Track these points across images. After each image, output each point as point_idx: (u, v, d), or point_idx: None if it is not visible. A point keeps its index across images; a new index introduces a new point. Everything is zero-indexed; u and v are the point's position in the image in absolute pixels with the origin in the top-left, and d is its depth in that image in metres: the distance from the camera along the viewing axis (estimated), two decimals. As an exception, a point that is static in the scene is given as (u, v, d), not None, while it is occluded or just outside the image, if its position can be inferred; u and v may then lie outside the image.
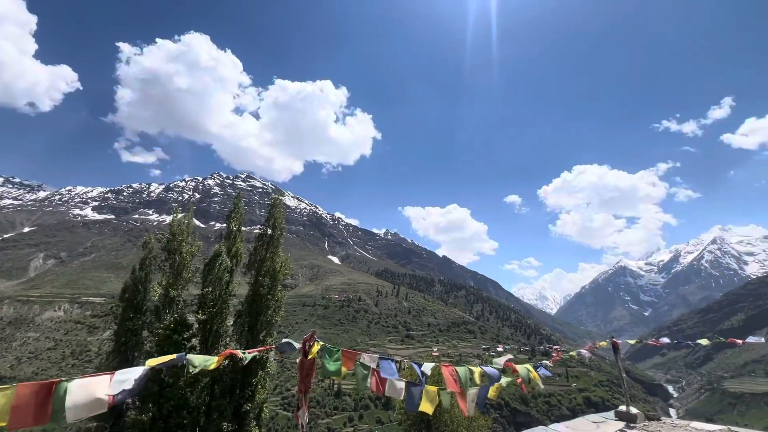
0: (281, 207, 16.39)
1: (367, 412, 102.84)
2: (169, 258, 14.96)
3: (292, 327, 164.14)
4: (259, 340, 14.34)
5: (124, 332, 14.96)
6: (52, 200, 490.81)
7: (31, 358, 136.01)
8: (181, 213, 16.28)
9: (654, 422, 7.90)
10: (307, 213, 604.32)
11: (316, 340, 4.27)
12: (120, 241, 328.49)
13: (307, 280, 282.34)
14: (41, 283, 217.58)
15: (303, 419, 4.14)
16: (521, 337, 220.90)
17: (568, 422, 8.13)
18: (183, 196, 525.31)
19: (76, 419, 3.10)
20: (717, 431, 7.11)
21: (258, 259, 14.88)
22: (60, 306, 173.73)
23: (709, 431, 7.22)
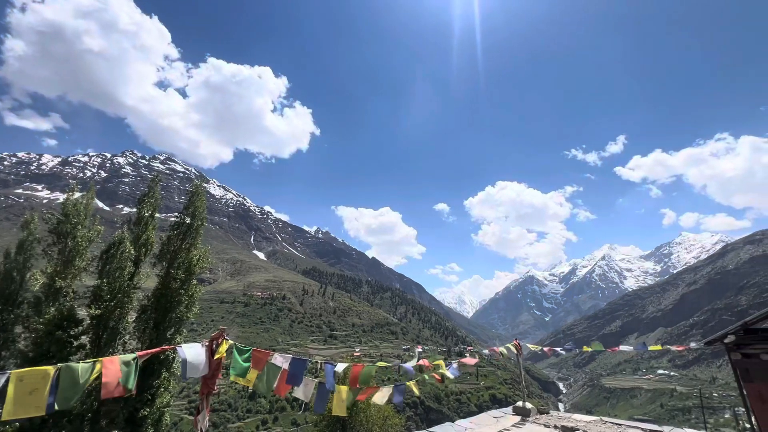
0: (203, 195, 15.20)
1: (283, 414, 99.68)
2: (59, 242, 12.93)
3: (207, 324, 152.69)
4: (165, 338, 13.09)
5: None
6: None
7: None
8: (80, 192, 14.22)
9: (544, 415, 8.91)
10: (233, 204, 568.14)
11: (224, 339, 4.00)
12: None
13: (228, 276, 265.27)
14: None
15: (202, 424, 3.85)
16: (439, 338, 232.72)
17: (472, 417, 8.78)
18: (84, 172, 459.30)
19: None
20: (592, 421, 8.26)
21: (171, 250, 13.60)
22: None
23: (586, 421, 8.35)
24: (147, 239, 13.61)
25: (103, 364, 3.38)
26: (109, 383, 3.39)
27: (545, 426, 8.09)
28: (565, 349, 12.70)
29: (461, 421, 8.41)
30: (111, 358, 3.52)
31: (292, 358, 4.61)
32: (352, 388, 5.07)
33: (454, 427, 7.97)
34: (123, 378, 3.50)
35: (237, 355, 4.21)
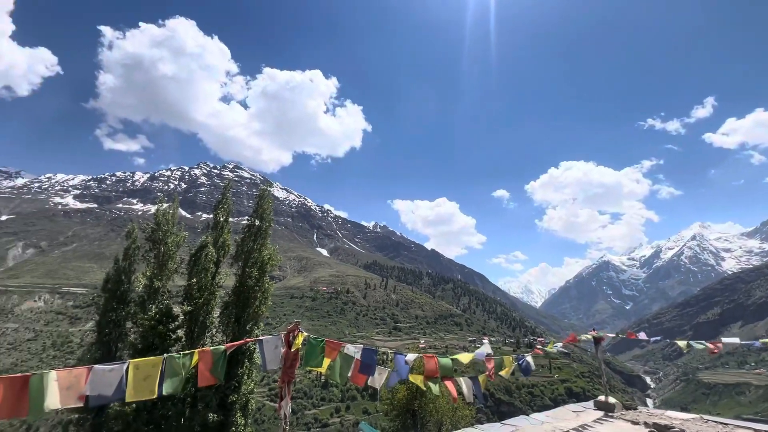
0: (269, 198, 16.25)
1: (354, 403, 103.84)
2: (153, 248, 14.74)
3: (280, 319, 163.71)
4: (246, 331, 14.28)
5: (107, 323, 14.73)
6: (31, 188, 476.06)
7: (10, 350, 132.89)
8: (167, 203, 16.00)
9: (631, 411, 8.20)
10: (295, 205, 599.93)
11: (300, 331, 4.28)
12: (103, 231, 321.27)
13: (295, 272, 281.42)
14: (20, 273, 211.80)
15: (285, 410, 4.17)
16: (506, 329, 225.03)
17: (549, 411, 8.37)
18: (168, 185, 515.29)
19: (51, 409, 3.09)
20: (690, 419, 7.41)
21: (245, 251, 14.76)
22: (40, 296, 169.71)
23: (683, 419, 7.51)
24: (224, 242, 14.94)
25: (199, 355, 3.89)
26: (204, 372, 3.92)
27: (633, 423, 7.44)
28: (652, 340, 11.49)
29: (536, 415, 8.06)
30: (205, 350, 4.01)
31: (363, 348, 4.78)
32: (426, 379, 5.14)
33: (530, 420, 7.67)
34: (214, 368, 3.98)
35: (311, 345, 4.49)
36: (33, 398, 2.93)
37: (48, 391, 3.16)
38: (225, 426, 13.30)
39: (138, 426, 11.86)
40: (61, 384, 3.18)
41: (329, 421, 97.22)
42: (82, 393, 3.17)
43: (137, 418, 11.93)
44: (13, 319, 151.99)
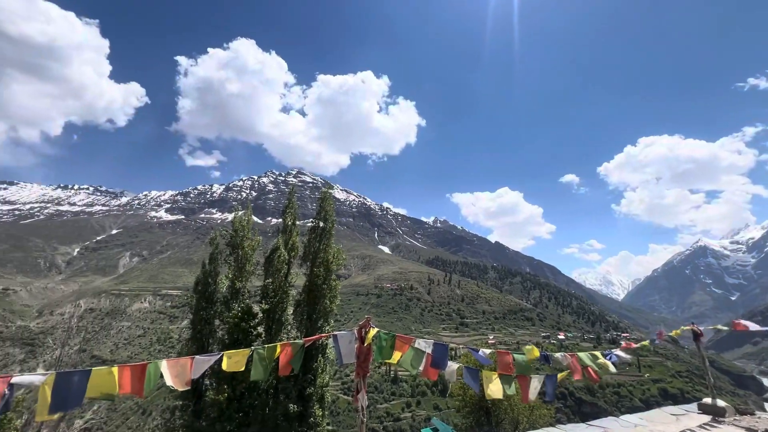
0: (331, 200, 16.88)
1: (425, 399, 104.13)
2: (233, 252, 16.12)
3: (348, 315, 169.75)
4: (317, 327, 15.02)
5: (199, 321, 16.43)
6: (133, 204, 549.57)
7: (126, 344, 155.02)
8: (241, 210, 17.39)
9: (747, 417, 7.09)
10: (355, 204, 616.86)
11: (371, 327, 4.40)
12: (190, 239, 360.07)
13: (359, 270, 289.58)
14: (129, 279, 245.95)
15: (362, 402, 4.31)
16: (584, 324, 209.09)
17: (642, 414, 7.58)
18: (241, 194, 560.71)
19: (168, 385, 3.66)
20: (827, 429, 6.21)
21: (312, 251, 15.51)
22: (145, 298, 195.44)
23: (817, 429, 6.32)
24: (293, 244, 15.84)
25: (281, 348, 4.24)
26: (284, 363, 4.28)
27: (749, 430, 6.43)
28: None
29: (628, 417, 7.35)
30: (287, 343, 4.35)
31: (434, 342, 4.77)
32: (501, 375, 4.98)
33: (620, 422, 7.01)
34: (293, 360, 4.30)
35: (382, 340, 4.60)
36: (147, 382, 3.67)
37: (164, 375, 3.75)
38: (304, 416, 14.15)
39: (230, 413, 13.11)
40: (171, 372, 3.76)
41: (400, 415, 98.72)
42: (188, 379, 3.83)
43: (229, 406, 13.18)
44: (126, 318, 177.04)
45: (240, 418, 13.49)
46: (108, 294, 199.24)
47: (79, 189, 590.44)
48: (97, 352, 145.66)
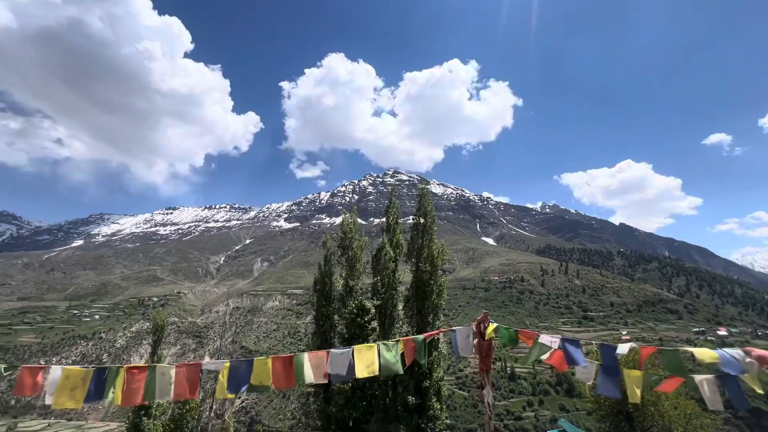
0: (429, 196, 16.94)
1: (548, 398, 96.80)
2: (344, 253, 17.40)
3: (456, 310, 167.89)
4: (428, 322, 15.23)
5: (321, 317, 18.16)
6: (259, 217, 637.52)
7: (265, 337, 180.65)
8: (347, 214, 18.68)
9: None
10: (454, 197, 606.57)
11: (490, 321, 4.28)
12: (306, 243, 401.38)
13: (464, 264, 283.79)
14: (262, 281, 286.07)
15: (488, 398, 4.22)
16: (755, 316, 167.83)
17: None
18: (345, 198, 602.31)
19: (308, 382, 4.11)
20: None
21: (416, 248, 15.78)
22: (276, 297, 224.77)
23: None
24: (397, 242, 16.36)
25: (404, 342, 4.44)
26: (410, 357, 4.47)
27: None
28: None
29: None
30: (408, 338, 4.53)
31: (562, 338, 4.39)
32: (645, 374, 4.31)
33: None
34: (417, 353, 4.46)
35: (504, 335, 4.44)
36: (297, 373, 4.19)
37: (305, 368, 4.26)
38: (423, 409, 14.50)
39: (355, 402, 14.20)
40: (312, 363, 4.30)
41: (522, 414, 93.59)
42: (326, 371, 4.27)
43: (354, 395, 14.28)
44: (263, 314, 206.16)
45: (364, 407, 14.51)
46: (248, 294, 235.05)
47: (219, 208, 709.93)
48: (245, 343, 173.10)
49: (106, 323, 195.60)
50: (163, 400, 3.91)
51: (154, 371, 4.09)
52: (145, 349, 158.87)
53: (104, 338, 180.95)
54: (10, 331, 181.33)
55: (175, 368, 4.17)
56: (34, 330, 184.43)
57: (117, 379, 4.02)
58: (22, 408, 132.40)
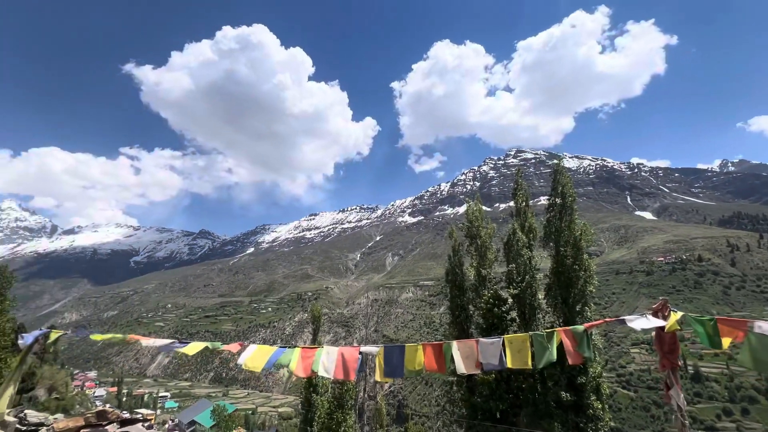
0: (564, 172, 15.16)
1: (755, 407, 76.03)
2: (472, 243, 17.03)
3: (609, 298, 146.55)
4: (576, 312, 13.71)
5: (455, 308, 18.17)
6: (385, 214, 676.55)
7: (403, 327, 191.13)
8: (471, 202, 18.21)
9: None
10: (593, 170, 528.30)
11: (671, 310, 3.52)
12: (431, 236, 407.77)
13: (614, 245, 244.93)
14: (395, 274, 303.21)
15: (678, 400, 3.49)
16: None
17: None
18: (466, 187, 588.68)
19: (460, 372, 4.13)
20: None
21: (554, 231, 14.36)
22: (409, 289, 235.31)
23: None
24: (530, 226, 15.17)
25: (562, 334, 4.10)
26: (570, 350, 4.07)
27: None
28: None
29: None
30: (565, 329, 4.16)
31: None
32: None
33: None
34: (579, 346, 4.03)
35: (698, 326, 3.59)
36: (446, 360, 4.28)
37: (455, 357, 4.32)
38: (580, 407, 13.11)
39: (501, 393, 13.76)
40: (462, 353, 4.34)
41: (716, 424, 75.82)
42: (478, 361, 4.24)
43: (498, 387, 13.87)
44: (399, 306, 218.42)
45: (511, 399, 13.95)
46: (383, 287, 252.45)
47: (351, 210, 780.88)
48: (386, 332, 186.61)
49: (276, 314, 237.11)
50: (327, 376, 4.54)
51: (320, 352, 4.85)
52: (307, 336, 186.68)
53: (277, 326, 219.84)
54: (216, 320, 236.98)
55: (337, 350, 4.83)
56: (230, 320, 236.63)
57: (294, 354, 4.95)
58: (230, 380, 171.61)
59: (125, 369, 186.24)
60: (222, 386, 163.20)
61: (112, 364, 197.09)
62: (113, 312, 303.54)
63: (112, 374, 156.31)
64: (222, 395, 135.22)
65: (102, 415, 5.72)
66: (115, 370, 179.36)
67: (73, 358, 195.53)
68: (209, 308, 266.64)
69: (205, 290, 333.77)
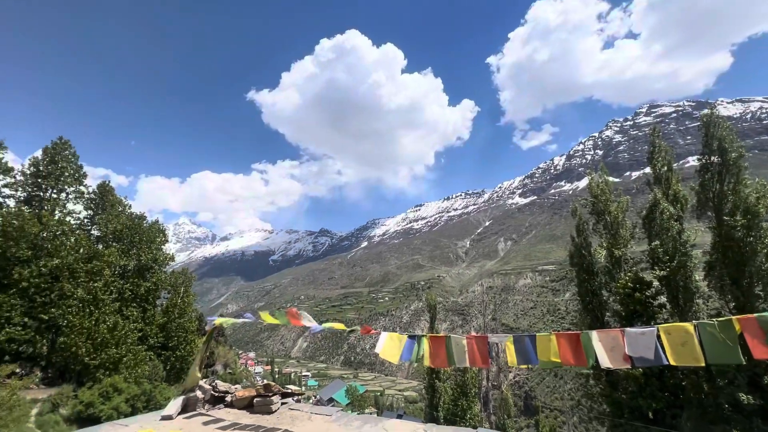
0: (719, 123, 12.19)
1: None
2: (600, 220, 15.08)
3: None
4: (753, 294, 10.99)
5: (585, 293, 16.37)
6: (493, 198, 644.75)
7: (523, 315, 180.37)
8: (593, 174, 16.08)
9: None
10: (764, 114, 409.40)
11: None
12: (547, 216, 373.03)
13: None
14: (509, 260, 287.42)
15: None
16: None
17: None
18: (585, 158, 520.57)
19: (604, 366, 3.67)
20: None
21: (712, 197, 11.72)
22: (526, 275, 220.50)
23: None
24: (675, 194, 12.69)
25: (741, 323, 3.34)
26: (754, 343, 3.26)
27: None
28: None
29: None
30: (747, 317, 3.39)
31: None
32: None
33: None
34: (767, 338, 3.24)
35: None
36: (586, 352, 3.83)
37: (596, 349, 3.78)
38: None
39: (653, 391, 11.92)
40: (604, 345, 3.81)
41: None
42: (626, 354, 3.62)
43: (648, 383, 12.04)
44: (516, 293, 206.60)
45: (667, 398, 11.98)
46: (498, 274, 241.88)
47: (456, 197, 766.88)
48: (505, 321, 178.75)
49: (393, 303, 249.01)
50: (461, 366, 4.57)
51: (450, 340, 4.92)
52: (424, 324, 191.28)
53: (394, 315, 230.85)
54: (341, 309, 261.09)
55: (465, 339, 4.82)
56: (353, 308, 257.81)
57: (423, 344, 5.11)
58: (358, 363, 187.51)
59: (274, 351, 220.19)
60: (352, 369, 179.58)
61: (264, 347, 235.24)
62: (261, 303, 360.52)
63: (265, 355, 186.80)
64: (353, 377, 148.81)
65: (268, 387, 6.94)
66: (267, 351, 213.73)
67: (236, 341, 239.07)
68: (334, 299, 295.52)
69: (329, 283, 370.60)
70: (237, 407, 6.88)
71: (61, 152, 26.89)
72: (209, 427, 5.84)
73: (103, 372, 23.24)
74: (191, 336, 31.00)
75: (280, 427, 5.53)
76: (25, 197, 26.03)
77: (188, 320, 31.62)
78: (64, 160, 26.80)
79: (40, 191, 26.27)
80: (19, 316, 22.21)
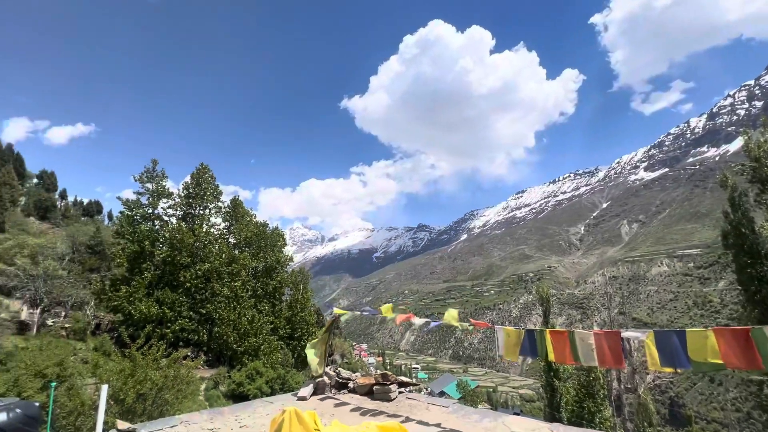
0: None
1: None
2: (764, 189, 12.10)
3: None
4: None
5: (748, 281, 13.31)
6: (610, 176, 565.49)
7: (660, 308, 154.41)
8: (751, 132, 12.95)
9: None
10: None
11: None
12: (685, 190, 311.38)
13: None
14: (636, 245, 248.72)
15: None
16: None
17: None
18: (735, 114, 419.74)
19: None
20: None
21: None
22: (661, 261, 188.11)
23: None
24: None
25: None
26: None
27: None
28: None
29: None
30: None
31: None
32: None
33: None
34: None
35: None
36: (763, 353, 2.93)
37: None
38: None
39: None
40: None
41: None
42: None
43: None
44: (649, 283, 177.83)
45: None
46: (623, 262, 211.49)
47: (563, 179, 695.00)
48: (636, 315, 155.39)
49: (499, 296, 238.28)
50: (587, 365, 4.11)
51: (573, 336, 4.45)
52: (536, 319, 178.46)
53: (502, 309, 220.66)
54: (445, 303, 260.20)
55: (593, 334, 4.30)
56: (457, 302, 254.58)
57: (545, 339, 4.75)
58: (467, 358, 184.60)
59: (384, 343, 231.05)
60: (461, 363, 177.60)
61: (375, 339, 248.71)
62: (368, 298, 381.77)
63: (376, 347, 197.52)
64: (462, 372, 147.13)
65: (386, 376, 7.38)
66: (377, 343, 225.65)
67: (349, 334, 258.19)
68: (437, 293, 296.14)
69: (431, 277, 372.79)
70: (359, 393, 7.48)
71: (203, 176, 32.68)
72: (339, 408, 6.50)
73: (247, 357, 27.67)
74: (312, 328, 34.70)
75: (400, 413, 5.82)
76: (182, 215, 32.38)
77: (308, 314, 35.48)
78: (206, 182, 32.53)
79: (191, 209, 32.38)
80: (187, 310, 27.86)
